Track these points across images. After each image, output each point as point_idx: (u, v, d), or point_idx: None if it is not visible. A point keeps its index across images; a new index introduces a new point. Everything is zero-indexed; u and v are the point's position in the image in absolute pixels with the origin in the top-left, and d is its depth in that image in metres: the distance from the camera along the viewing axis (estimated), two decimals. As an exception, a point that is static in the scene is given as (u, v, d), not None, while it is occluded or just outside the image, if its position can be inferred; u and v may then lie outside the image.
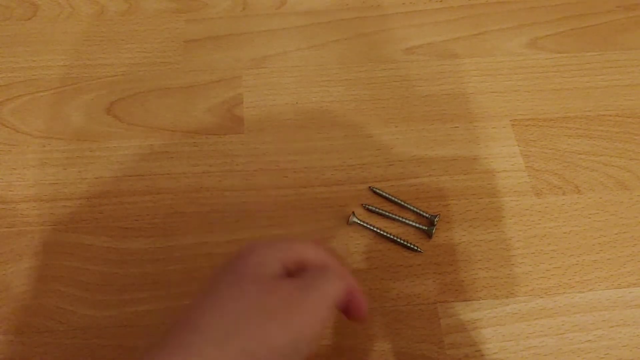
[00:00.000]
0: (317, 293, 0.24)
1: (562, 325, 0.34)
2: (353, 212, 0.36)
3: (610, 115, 0.41)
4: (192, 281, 0.35)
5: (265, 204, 0.37)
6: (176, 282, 0.35)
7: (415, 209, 0.37)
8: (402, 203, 0.37)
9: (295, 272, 0.26)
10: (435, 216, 0.36)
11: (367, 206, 0.37)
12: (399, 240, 0.36)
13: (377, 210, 0.37)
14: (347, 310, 0.28)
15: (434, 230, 0.36)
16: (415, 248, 0.36)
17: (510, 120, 0.41)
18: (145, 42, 0.44)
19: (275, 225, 0.37)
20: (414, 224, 0.36)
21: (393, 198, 0.37)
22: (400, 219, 0.37)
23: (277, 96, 0.42)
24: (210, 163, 0.39)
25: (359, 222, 0.36)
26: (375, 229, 0.36)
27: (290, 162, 0.39)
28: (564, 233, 0.37)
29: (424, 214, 0.37)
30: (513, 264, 0.36)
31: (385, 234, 0.36)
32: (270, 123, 0.41)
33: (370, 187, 0.38)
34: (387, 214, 0.37)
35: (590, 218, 0.37)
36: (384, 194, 0.37)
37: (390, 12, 0.46)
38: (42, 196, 0.37)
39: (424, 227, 0.36)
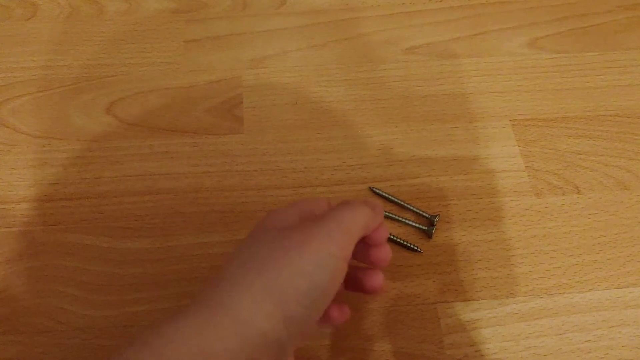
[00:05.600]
0: (331, 221, 0.25)
1: (562, 325, 0.34)
2: None
3: (610, 115, 0.41)
4: (192, 281, 0.35)
5: (265, 204, 0.37)
6: (176, 282, 0.35)
7: (415, 209, 0.37)
8: (402, 203, 0.37)
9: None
10: (435, 216, 0.36)
11: (367, 206, 0.37)
12: (399, 240, 0.36)
13: (377, 210, 0.37)
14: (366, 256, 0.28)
15: (434, 230, 0.36)
16: (415, 248, 0.36)
17: (510, 120, 0.41)
18: (145, 42, 0.44)
19: (275, 225, 0.37)
20: (414, 224, 0.36)
21: (393, 198, 0.37)
22: (400, 219, 0.37)
23: (277, 96, 0.42)
24: (210, 163, 0.39)
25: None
26: None
27: (290, 162, 0.39)
28: (564, 233, 0.37)
29: (424, 214, 0.37)
30: (513, 264, 0.36)
31: None
32: (270, 123, 0.41)
33: (370, 187, 0.38)
34: (387, 214, 0.37)
35: (590, 218, 0.37)
36: (383, 194, 0.37)
37: (390, 12, 0.46)
38: (42, 196, 0.37)
39: (424, 227, 0.36)
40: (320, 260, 0.24)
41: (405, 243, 0.36)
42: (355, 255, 0.28)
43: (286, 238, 0.25)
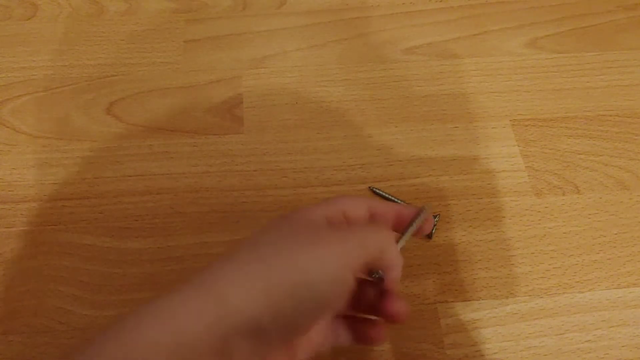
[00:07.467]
0: (351, 239, 0.25)
1: (562, 325, 0.34)
2: None
3: (610, 115, 0.41)
4: (192, 281, 0.35)
5: (265, 204, 0.37)
6: (176, 282, 0.35)
7: (415, 209, 0.37)
8: (402, 203, 0.37)
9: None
10: (435, 216, 0.36)
11: (367, 206, 0.37)
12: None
13: (377, 210, 0.37)
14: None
15: (434, 230, 0.36)
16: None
17: (510, 120, 0.41)
18: (145, 42, 0.44)
19: (275, 225, 0.36)
20: (414, 224, 0.36)
21: (393, 198, 0.37)
22: (400, 219, 0.37)
23: (277, 96, 0.42)
24: (210, 163, 0.39)
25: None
26: None
27: (290, 162, 0.39)
28: (564, 233, 0.37)
29: (424, 214, 0.37)
30: (513, 264, 0.36)
31: None
32: (270, 123, 0.41)
33: (370, 187, 0.38)
34: (387, 214, 0.37)
35: (590, 218, 0.37)
36: (383, 194, 0.37)
37: (390, 12, 0.46)
38: (42, 196, 0.37)
39: (424, 227, 0.36)
40: (323, 263, 0.23)
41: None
42: (366, 307, 0.28)
43: (300, 234, 0.24)
